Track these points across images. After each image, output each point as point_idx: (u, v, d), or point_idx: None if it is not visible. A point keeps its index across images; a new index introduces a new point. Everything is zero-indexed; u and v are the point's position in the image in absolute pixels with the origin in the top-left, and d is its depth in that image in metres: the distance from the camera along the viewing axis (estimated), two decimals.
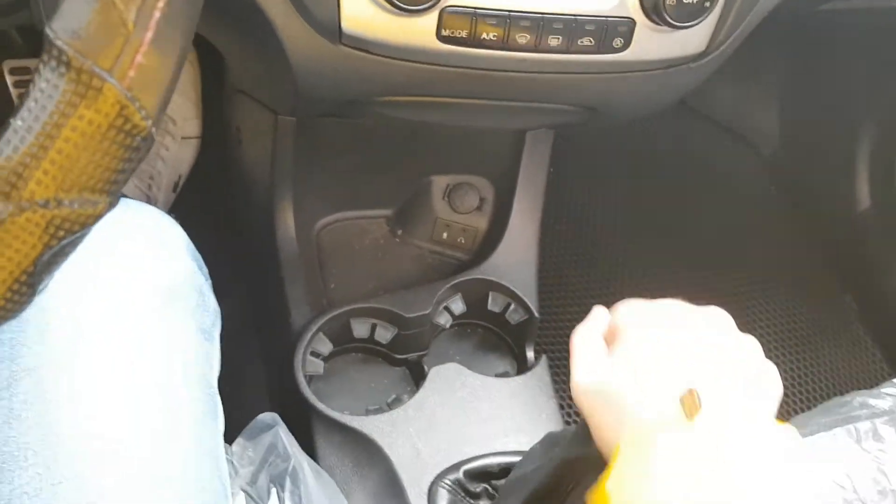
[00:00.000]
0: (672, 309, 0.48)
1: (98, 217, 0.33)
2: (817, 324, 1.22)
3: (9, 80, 1.14)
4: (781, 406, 0.44)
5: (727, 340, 0.46)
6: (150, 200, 1.12)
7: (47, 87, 0.30)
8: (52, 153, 0.31)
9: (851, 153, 1.27)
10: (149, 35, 0.31)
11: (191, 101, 1.16)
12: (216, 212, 1.12)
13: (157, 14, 0.31)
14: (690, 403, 0.41)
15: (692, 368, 0.44)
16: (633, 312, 0.49)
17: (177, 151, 1.17)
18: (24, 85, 1.15)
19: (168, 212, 1.16)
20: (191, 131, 1.17)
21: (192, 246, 0.64)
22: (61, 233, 0.32)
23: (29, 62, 1.14)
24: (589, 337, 0.50)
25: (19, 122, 0.30)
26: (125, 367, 0.54)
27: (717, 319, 0.48)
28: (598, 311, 0.52)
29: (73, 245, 0.33)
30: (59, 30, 0.30)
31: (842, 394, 0.77)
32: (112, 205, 0.33)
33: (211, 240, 0.67)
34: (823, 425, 0.74)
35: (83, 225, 0.32)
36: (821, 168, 1.34)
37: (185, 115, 1.16)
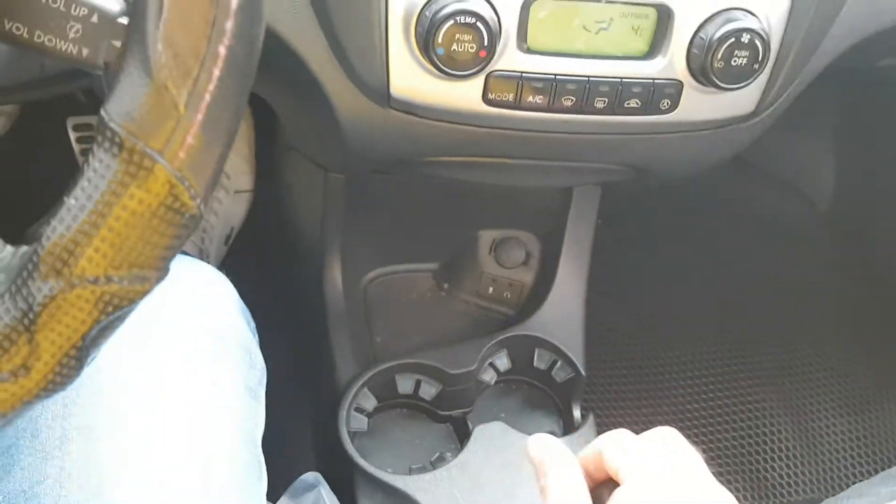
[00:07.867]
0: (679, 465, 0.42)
1: (146, 293, 0.33)
2: (878, 384, 1.17)
3: (72, 136, 1.19)
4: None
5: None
6: (202, 253, 1.14)
7: (100, 167, 0.31)
8: (103, 231, 0.31)
9: None
10: (199, 117, 0.31)
11: (243, 157, 1.19)
12: (267, 264, 1.14)
13: (207, 97, 0.31)
14: None
15: None
16: (637, 456, 0.41)
17: (229, 205, 1.19)
18: (86, 141, 1.20)
19: (219, 264, 1.19)
20: (243, 185, 1.20)
21: (241, 303, 0.65)
22: (110, 308, 0.33)
23: (91, 119, 1.18)
24: (565, 460, 0.42)
25: (73, 201, 0.32)
26: (172, 426, 0.55)
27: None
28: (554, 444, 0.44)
29: (121, 319, 0.34)
30: (114, 112, 0.31)
31: None
32: (160, 279, 0.34)
33: (261, 291, 0.68)
34: (885, 496, 0.71)
35: (132, 301, 0.33)
36: (878, 222, 1.30)
37: (238, 170, 1.19)
